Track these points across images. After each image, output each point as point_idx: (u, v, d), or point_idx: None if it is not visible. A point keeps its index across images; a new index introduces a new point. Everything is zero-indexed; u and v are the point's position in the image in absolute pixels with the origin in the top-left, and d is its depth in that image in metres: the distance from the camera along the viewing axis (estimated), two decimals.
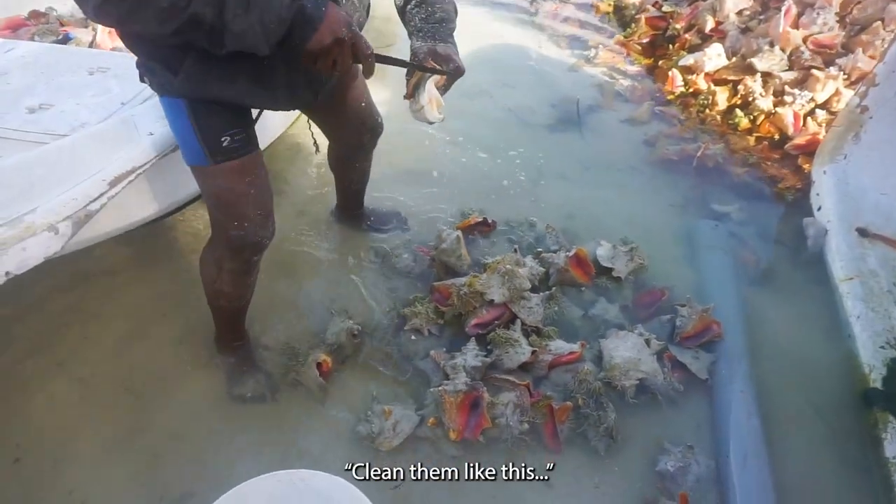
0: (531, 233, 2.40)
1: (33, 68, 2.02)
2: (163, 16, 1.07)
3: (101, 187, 1.45)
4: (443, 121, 1.49)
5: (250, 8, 1.09)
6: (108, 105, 1.83)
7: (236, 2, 1.08)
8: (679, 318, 2.02)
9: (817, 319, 2.13)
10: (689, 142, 3.01)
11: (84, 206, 1.40)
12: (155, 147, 1.57)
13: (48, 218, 1.34)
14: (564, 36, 4.06)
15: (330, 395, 1.82)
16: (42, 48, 2.22)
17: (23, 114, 1.76)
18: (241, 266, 1.60)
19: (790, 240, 2.46)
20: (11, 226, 1.29)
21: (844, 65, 2.92)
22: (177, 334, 1.96)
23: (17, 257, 1.28)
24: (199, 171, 1.45)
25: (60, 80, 1.95)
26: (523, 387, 1.76)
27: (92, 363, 1.86)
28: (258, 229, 1.51)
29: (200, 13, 1.07)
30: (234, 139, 1.40)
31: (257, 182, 1.49)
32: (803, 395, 1.91)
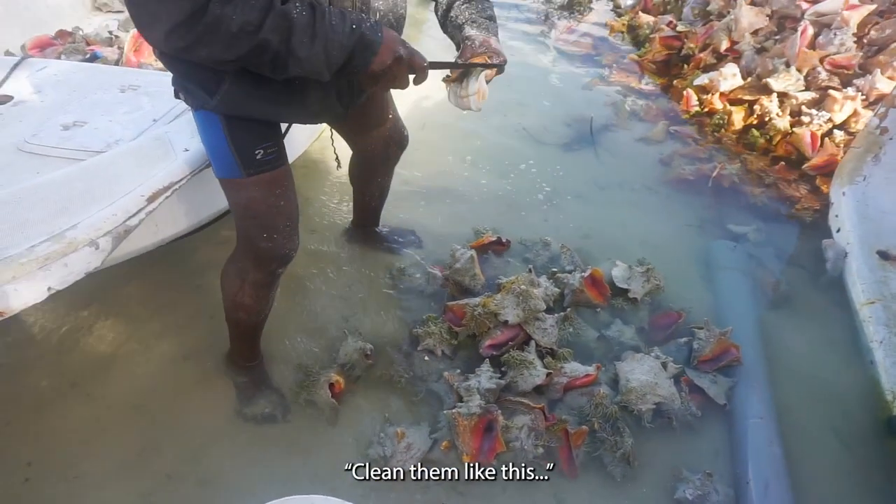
0: (546, 252, 2.38)
1: (66, 86, 2.06)
2: (232, 41, 1.09)
3: (139, 203, 1.45)
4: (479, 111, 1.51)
5: (315, 36, 1.14)
6: (140, 122, 1.86)
7: (303, 30, 1.12)
8: (696, 341, 1.98)
9: (838, 344, 2.09)
10: (705, 161, 2.98)
11: (123, 222, 1.40)
12: (189, 163, 1.58)
13: (89, 233, 1.34)
14: (578, 55, 4.07)
15: (342, 416, 1.80)
16: (73, 66, 2.26)
17: (58, 131, 1.79)
18: (266, 278, 1.61)
19: (809, 262, 2.43)
20: (55, 241, 1.29)
21: (862, 85, 2.90)
22: (189, 353, 1.96)
23: (59, 273, 1.28)
24: (231, 184, 1.47)
25: (93, 97, 1.98)
26: (538, 410, 1.73)
27: (104, 383, 1.86)
28: (286, 241, 1.53)
29: (269, 39, 1.10)
30: (268, 152, 1.42)
31: (287, 194, 1.51)
32: (825, 422, 1.86)
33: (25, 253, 1.24)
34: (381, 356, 1.96)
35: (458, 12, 1.51)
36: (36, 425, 1.74)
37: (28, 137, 1.74)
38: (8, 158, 1.69)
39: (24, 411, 1.77)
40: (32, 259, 1.24)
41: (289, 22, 1.11)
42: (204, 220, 1.81)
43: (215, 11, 1.05)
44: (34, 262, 1.24)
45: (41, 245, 1.27)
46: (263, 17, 1.09)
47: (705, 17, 3.88)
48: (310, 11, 1.13)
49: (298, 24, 1.12)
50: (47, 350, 1.93)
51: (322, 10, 1.15)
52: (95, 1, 3.44)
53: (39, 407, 1.78)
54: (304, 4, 1.14)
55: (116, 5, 3.44)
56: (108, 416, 1.77)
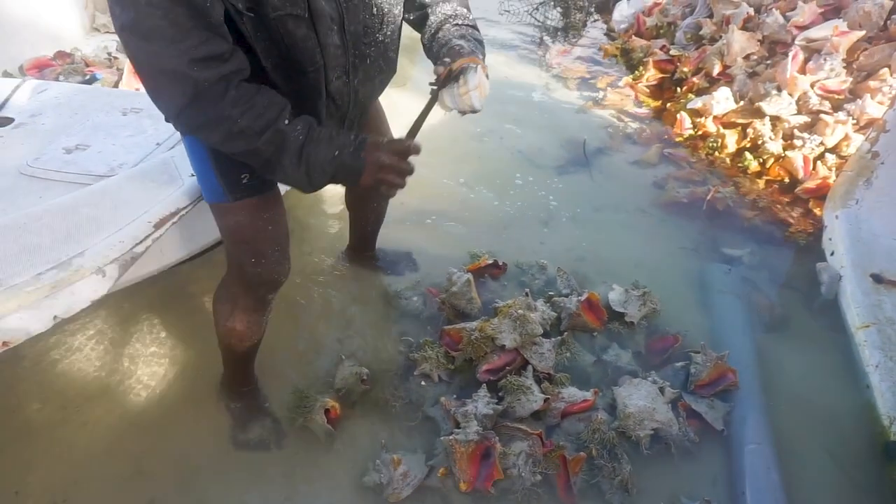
0: (542, 276, 2.39)
1: (67, 108, 2.05)
2: (231, 139, 1.17)
3: (146, 229, 1.44)
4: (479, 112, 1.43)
5: (300, 160, 1.21)
6: (143, 145, 1.85)
7: (293, 152, 1.20)
8: (693, 366, 1.98)
9: (834, 368, 2.09)
10: (699, 184, 3.01)
11: (130, 249, 1.39)
12: (196, 189, 1.57)
13: (96, 261, 1.33)
14: (573, 78, 4.11)
15: (338, 442, 1.79)
16: (75, 88, 2.25)
17: (60, 154, 1.78)
18: (256, 303, 1.60)
19: (803, 285, 2.44)
20: (61, 269, 1.27)
21: (853, 110, 2.94)
22: (183, 378, 1.94)
23: (65, 301, 1.27)
24: (219, 208, 1.47)
25: (95, 120, 1.97)
26: (536, 436, 1.72)
27: (96, 407, 1.83)
28: (275, 266, 1.52)
29: (263, 149, 1.18)
30: (253, 177, 1.41)
31: (275, 220, 1.50)
32: (822, 447, 1.86)
33: (31, 281, 1.22)
34: (378, 381, 1.95)
35: (446, 32, 1.49)
36: (24, 451, 1.71)
37: (30, 161, 1.73)
38: (10, 182, 1.68)
39: (13, 436, 1.74)
40: (38, 287, 1.22)
41: (284, 141, 1.19)
42: (208, 244, 1.80)
43: (225, 111, 1.12)
44: (40, 290, 1.22)
45: (47, 273, 1.25)
46: (264, 130, 1.16)
47: (698, 42, 3.94)
48: (305, 135, 1.21)
49: (291, 146, 1.20)
50: (39, 373, 1.91)
51: (311, 136, 1.22)
52: (94, 21, 3.46)
53: (29, 432, 1.76)
54: (304, 126, 1.21)
55: None
56: (98, 441, 1.75)
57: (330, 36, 1.24)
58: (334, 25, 1.24)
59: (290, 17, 1.16)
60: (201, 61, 1.06)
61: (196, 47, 1.05)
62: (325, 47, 1.24)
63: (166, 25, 1.02)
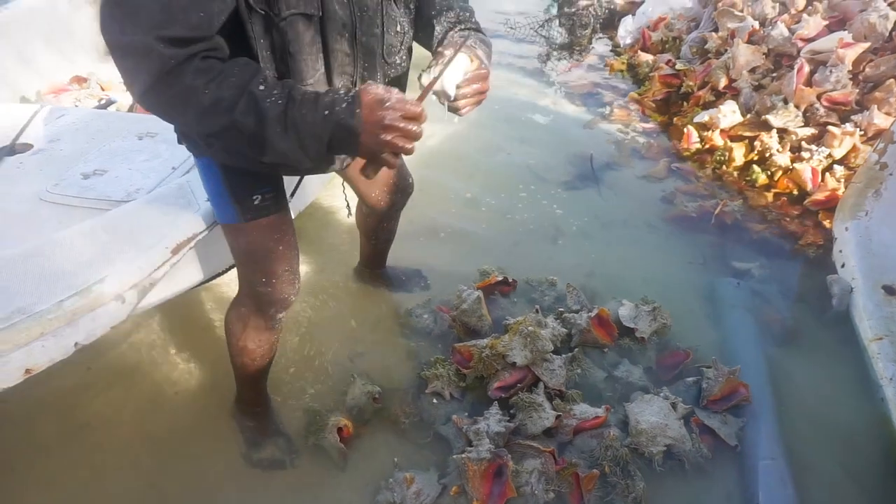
0: (552, 292, 2.39)
1: (84, 134, 2.09)
2: (203, 115, 1.06)
3: (164, 255, 1.46)
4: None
5: (287, 128, 1.07)
6: (159, 170, 1.87)
7: (275, 120, 1.06)
8: (705, 381, 1.98)
9: (847, 381, 2.08)
10: (707, 198, 3.01)
11: (149, 275, 1.41)
12: (212, 213, 1.59)
13: (116, 287, 1.35)
14: (579, 94, 4.14)
15: (350, 461, 1.80)
16: (92, 114, 2.28)
17: (78, 180, 1.80)
18: (266, 322, 1.62)
19: (814, 298, 2.43)
20: (82, 296, 1.29)
21: (860, 121, 2.94)
22: (196, 397, 1.96)
23: (86, 328, 1.29)
24: (231, 229, 1.49)
25: (112, 145, 2.00)
26: (548, 453, 1.72)
27: (111, 426, 1.86)
28: (285, 286, 1.54)
29: (242, 122, 1.06)
30: (265, 198, 1.43)
31: (285, 240, 1.52)
32: (838, 461, 1.85)
33: (53, 308, 1.24)
34: (390, 399, 1.96)
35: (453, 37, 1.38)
36: (40, 470, 1.74)
37: (49, 187, 1.76)
38: (30, 208, 1.70)
39: (30, 455, 1.77)
40: (60, 315, 1.24)
41: (260, 108, 1.06)
42: (222, 269, 1.82)
43: (186, 81, 1.02)
44: (62, 317, 1.24)
45: (68, 300, 1.27)
46: (237, 98, 1.04)
47: (703, 56, 3.96)
48: (284, 100, 1.07)
49: (270, 113, 1.06)
50: (54, 393, 1.93)
51: (294, 99, 1.07)
52: None
53: (46, 451, 1.78)
54: (282, 89, 1.08)
55: None
56: (113, 460, 1.77)
57: (339, 42, 1.22)
58: (346, 32, 1.23)
59: (302, 18, 1.14)
60: (172, 40, 1.01)
61: (171, 26, 1.00)
62: (332, 52, 1.22)
63: (157, 9, 0.99)
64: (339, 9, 1.19)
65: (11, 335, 1.20)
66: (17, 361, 1.21)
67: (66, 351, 1.27)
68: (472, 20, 1.43)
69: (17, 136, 2.03)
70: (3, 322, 1.20)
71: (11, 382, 1.22)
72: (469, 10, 1.45)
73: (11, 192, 1.76)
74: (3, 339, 1.19)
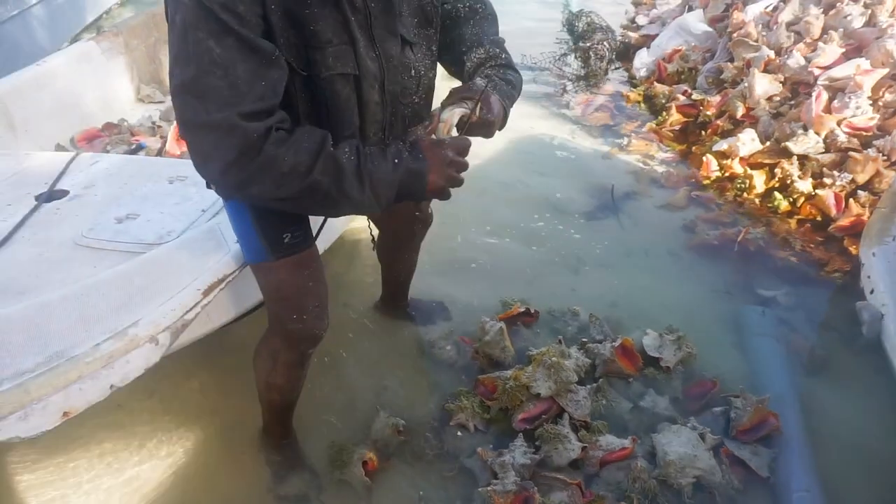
0: (575, 322, 2.39)
1: (117, 179, 2.13)
2: (282, 181, 1.14)
3: (196, 297, 1.48)
4: None
5: (363, 180, 1.19)
6: (189, 213, 1.90)
7: (353, 174, 1.18)
8: (734, 411, 1.95)
9: (881, 410, 2.04)
10: (729, 226, 3.00)
11: (181, 316, 1.43)
12: (241, 255, 1.61)
13: (150, 330, 1.36)
14: (596, 126, 4.17)
15: (375, 495, 1.79)
16: (124, 160, 2.34)
17: (112, 224, 1.83)
18: (297, 358, 1.65)
19: (843, 325, 2.39)
20: (117, 339, 1.31)
21: (882, 146, 2.92)
22: (221, 432, 1.98)
23: (121, 371, 1.31)
24: (261, 268, 1.52)
25: (144, 189, 2.03)
26: (575, 486, 1.70)
27: (136, 460, 1.88)
28: (316, 321, 1.57)
29: (319, 181, 1.16)
30: (294, 236, 1.46)
31: (315, 276, 1.55)
32: (873, 493, 1.80)
33: (90, 352, 1.26)
34: (414, 432, 1.96)
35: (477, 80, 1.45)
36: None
37: (84, 232, 1.79)
38: (66, 253, 1.74)
39: (60, 490, 1.79)
40: (97, 358, 1.26)
41: (339, 165, 1.17)
42: (250, 307, 1.84)
43: (269, 151, 1.11)
44: (98, 360, 1.26)
45: (105, 343, 1.29)
46: (315, 160, 1.14)
47: (719, 85, 3.98)
48: (356, 155, 1.19)
49: (348, 168, 1.17)
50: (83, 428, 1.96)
51: (364, 153, 1.20)
52: (139, 93, 3.67)
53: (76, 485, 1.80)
54: (351, 148, 1.20)
55: (158, 96, 3.66)
56: (142, 495, 1.79)
57: (371, 94, 1.30)
58: (376, 84, 1.30)
59: (340, 77, 1.22)
60: (249, 115, 1.09)
61: (246, 104, 1.09)
62: (366, 104, 1.30)
63: (223, 85, 1.07)
64: (370, 63, 1.27)
65: (51, 379, 1.22)
66: (55, 405, 1.23)
67: (103, 393, 1.28)
68: (501, 56, 1.48)
69: (54, 183, 2.09)
70: (44, 366, 1.22)
71: (51, 426, 1.23)
72: (499, 45, 1.51)
73: (49, 238, 1.81)
74: (43, 383, 1.20)
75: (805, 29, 3.67)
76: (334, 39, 1.19)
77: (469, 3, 1.54)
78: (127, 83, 3.60)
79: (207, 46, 1.05)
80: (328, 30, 1.17)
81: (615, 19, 5.56)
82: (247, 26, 1.07)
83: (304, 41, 1.17)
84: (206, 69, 1.06)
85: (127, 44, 3.58)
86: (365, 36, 1.24)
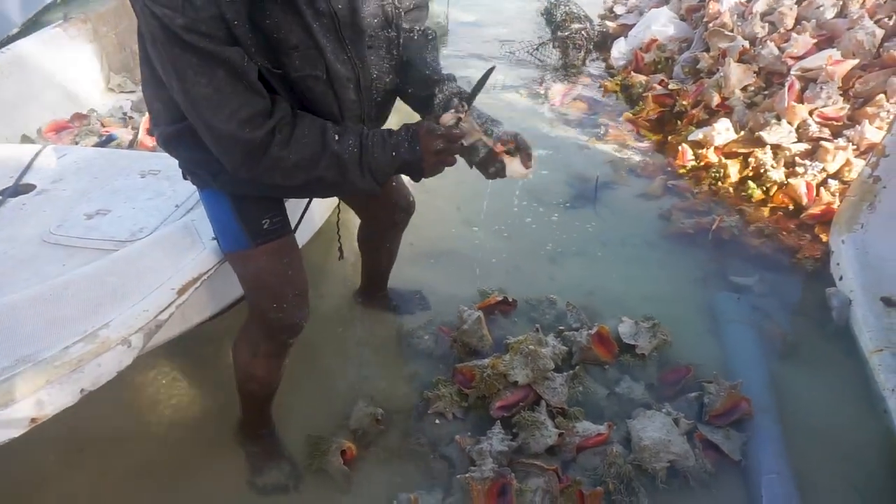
0: (552, 311, 2.41)
1: (87, 173, 2.06)
2: (290, 173, 1.26)
3: (170, 296, 1.44)
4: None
5: (364, 169, 1.30)
6: (163, 208, 1.85)
7: (355, 165, 1.28)
8: (707, 396, 1.98)
9: (850, 393, 2.08)
10: (704, 214, 3.04)
11: (154, 317, 1.39)
12: (217, 252, 1.59)
13: (121, 331, 1.33)
14: (574, 115, 4.19)
15: (354, 483, 1.80)
16: (94, 153, 2.26)
17: (82, 220, 1.77)
18: (277, 349, 1.64)
19: (814, 311, 2.44)
20: (87, 341, 1.27)
21: (852, 136, 2.98)
22: (199, 423, 1.96)
23: (92, 374, 1.27)
24: (240, 256, 1.52)
25: (114, 184, 1.97)
26: (552, 471, 1.72)
27: (111, 453, 1.86)
28: (295, 311, 1.57)
29: (324, 176, 1.27)
30: (273, 221, 1.48)
31: (294, 264, 1.55)
32: (842, 474, 1.84)
33: (59, 355, 1.22)
34: (393, 421, 1.97)
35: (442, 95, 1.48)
36: (38, 500, 1.73)
37: (52, 228, 1.74)
38: (33, 251, 1.67)
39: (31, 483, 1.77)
40: (67, 361, 1.22)
41: (342, 161, 1.27)
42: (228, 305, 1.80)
43: (274, 153, 1.21)
44: (68, 364, 1.22)
45: (74, 346, 1.25)
46: (318, 157, 1.25)
47: (695, 75, 4.02)
48: (358, 147, 1.28)
49: (350, 161, 1.27)
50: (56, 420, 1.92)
51: (366, 145, 1.29)
52: (109, 82, 3.59)
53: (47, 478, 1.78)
54: (355, 139, 1.28)
55: (130, 86, 3.58)
56: (117, 487, 1.77)
57: (346, 92, 1.34)
58: (350, 84, 1.34)
59: (310, 78, 1.26)
60: (248, 121, 1.16)
61: (239, 109, 1.15)
62: (343, 101, 1.34)
63: (212, 92, 1.13)
64: (340, 66, 1.29)
65: (18, 384, 1.17)
66: (22, 411, 1.18)
67: (73, 398, 1.24)
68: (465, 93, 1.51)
69: (20, 177, 2.01)
70: (10, 371, 1.17)
71: (18, 433, 1.19)
72: (455, 80, 1.54)
73: (14, 235, 1.74)
74: (9, 388, 1.15)
75: (779, 19, 3.72)
76: (300, 45, 1.21)
77: (422, 29, 1.55)
78: (96, 72, 3.52)
79: (186, 59, 1.10)
80: (292, 37, 1.20)
81: (593, 9, 5.57)
82: (214, 41, 1.10)
83: (272, 46, 1.20)
84: (192, 80, 1.12)
85: (96, 31, 3.49)
86: (333, 40, 1.26)
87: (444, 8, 5.93)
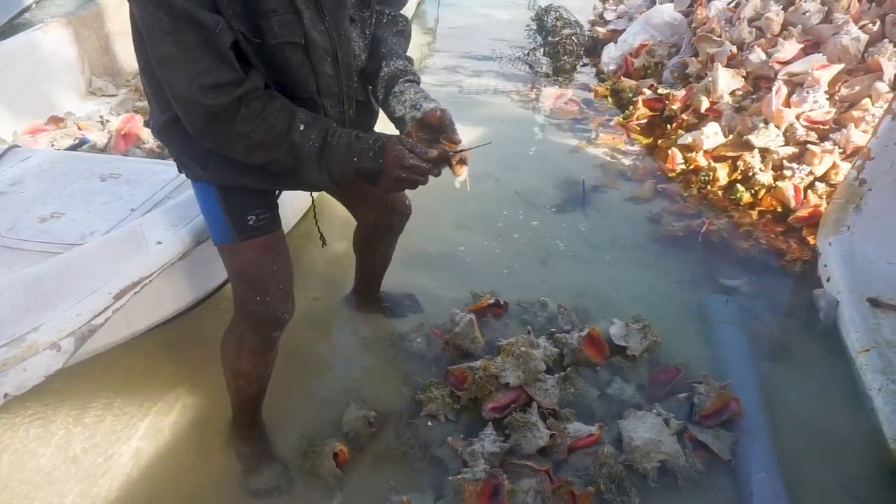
0: (543, 313, 2.42)
1: (48, 176, 2.04)
2: (250, 151, 1.30)
3: (105, 301, 1.43)
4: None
5: (321, 167, 1.33)
6: (117, 212, 1.83)
7: (312, 159, 1.31)
8: (697, 396, 2.00)
9: (837, 393, 2.11)
10: (693, 217, 3.07)
11: (88, 322, 1.37)
12: (162, 256, 1.57)
13: (51, 335, 1.31)
14: (565, 120, 4.22)
15: (347, 486, 1.80)
16: (58, 155, 2.24)
17: (35, 223, 1.76)
18: (262, 342, 1.65)
19: (802, 312, 2.47)
20: (13, 346, 1.25)
21: (839, 139, 3.01)
22: (190, 425, 1.96)
23: (17, 378, 1.24)
24: (226, 249, 1.55)
25: (73, 187, 1.95)
26: (543, 472, 1.73)
27: (103, 456, 1.85)
28: (279, 304, 1.58)
29: (283, 160, 1.31)
30: (259, 218, 1.50)
31: (279, 259, 1.58)
32: (830, 473, 1.86)
33: None
34: (385, 423, 1.97)
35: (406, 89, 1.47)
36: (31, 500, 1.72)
37: (4, 231, 1.72)
38: None
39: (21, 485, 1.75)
40: None
41: (301, 152, 1.30)
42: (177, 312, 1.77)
43: (239, 127, 1.24)
44: None
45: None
46: (279, 143, 1.27)
47: (684, 80, 4.06)
48: (320, 142, 1.30)
49: (308, 155, 1.30)
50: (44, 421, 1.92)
51: (329, 142, 1.31)
52: (90, 86, 3.54)
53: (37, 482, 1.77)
54: (319, 133, 1.30)
55: (111, 90, 3.53)
56: (108, 489, 1.77)
57: (323, 65, 1.35)
58: (327, 57, 1.35)
59: (288, 45, 1.27)
60: (211, 88, 1.18)
61: (204, 74, 1.17)
62: (319, 75, 1.35)
63: (177, 52, 1.15)
64: (317, 36, 1.31)
65: None
66: None
67: None
68: (415, 74, 1.54)
69: None
70: None
71: None
72: (412, 62, 1.57)
73: None
74: None
75: (766, 25, 3.76)
76: (279, 9, 1.23)
77: (393, 14, 1.58)
78: (76, 75, 3.47)
79: (157, 17, 1.13)
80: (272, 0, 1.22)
81: (584, 15, 5.62)
82: (190, 1, 1.12)
83: (250, 10, 1.21)
84: (159, 39, 1.15)
85: (77, 34, 3.44)
86: (311, 8, 1.28)
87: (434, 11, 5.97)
